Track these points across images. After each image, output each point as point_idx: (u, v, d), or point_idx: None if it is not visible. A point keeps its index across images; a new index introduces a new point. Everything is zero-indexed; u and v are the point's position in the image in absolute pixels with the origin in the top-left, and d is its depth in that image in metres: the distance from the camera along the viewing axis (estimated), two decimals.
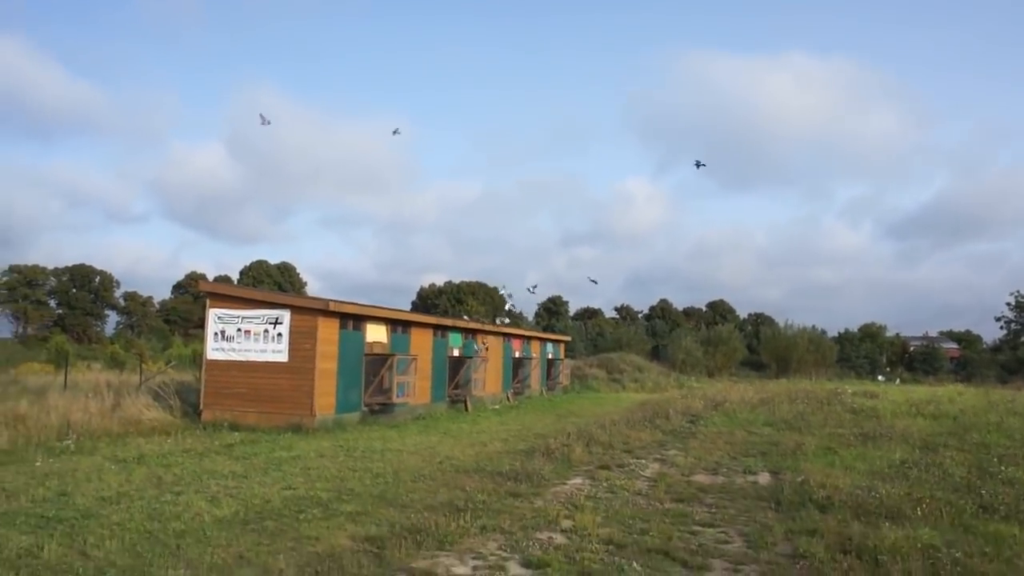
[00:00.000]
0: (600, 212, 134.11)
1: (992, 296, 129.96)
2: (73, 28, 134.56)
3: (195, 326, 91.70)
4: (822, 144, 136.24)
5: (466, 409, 23.20)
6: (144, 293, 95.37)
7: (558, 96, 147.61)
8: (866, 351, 68.57)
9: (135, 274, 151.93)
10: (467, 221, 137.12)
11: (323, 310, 16.75)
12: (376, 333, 19.02)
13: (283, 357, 16.78)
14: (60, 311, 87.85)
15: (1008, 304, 66.99)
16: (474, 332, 25.71)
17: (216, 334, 17.44)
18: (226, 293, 18.25)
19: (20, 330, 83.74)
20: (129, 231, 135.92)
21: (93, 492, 9.56)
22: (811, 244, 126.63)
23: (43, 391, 19.55)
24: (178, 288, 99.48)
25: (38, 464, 11.51)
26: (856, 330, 72.40)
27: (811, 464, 12.26)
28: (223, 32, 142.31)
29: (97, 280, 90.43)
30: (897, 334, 76.53)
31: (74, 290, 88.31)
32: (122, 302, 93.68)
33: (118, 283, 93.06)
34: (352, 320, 18.06)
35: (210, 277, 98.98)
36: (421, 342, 21.35)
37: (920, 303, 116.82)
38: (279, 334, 16.83)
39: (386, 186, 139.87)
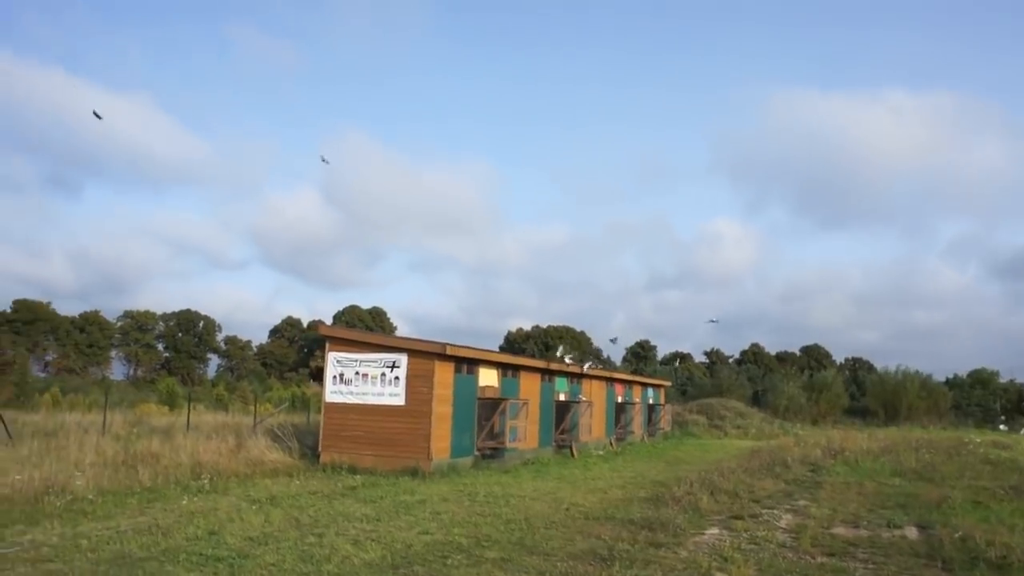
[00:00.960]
0: (687, 254, 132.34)
1: None
2: (178, 81, 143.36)
3: (290, 369, 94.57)
4: (923, 180, 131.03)
5: (572, 455, 22.90)
6: (243, 337, 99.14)
7: (645, 136, 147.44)
8: (978, 398, 64.67)
9: (234, 319, 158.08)
10: (552, 264, 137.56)
11: (440, 354, 16.92)
12: (488, 377, 19.08)
13: (400, 400, 16.98)
14: (167, 354, 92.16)
15: None
16: (579, 377, 25.49)
17: (335, 377, 17.84)
18: (345, 337, 18.70)
19: (131, 372, 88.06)
20: (229, 277, 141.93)
21: (239, 532, 9.79)
22: (911, 284, 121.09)
23: (168, 431, 20.38)
24: (274, 332, 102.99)
25: (184, 503, 11.90)
26: (965, 375, 68.53)
27: (962, 519, 11.49)
28: (316, 81, 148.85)
29: (201, 325, 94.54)
30: (1012, 380, 71.89)
31: (180, 334, 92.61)
32: (223, 346, 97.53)
33: (219, 327, 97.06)
34: (466, 364, 18.18)
35: (304, 322, 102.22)
36: (530, 386, 21.30)
37: None
38: (396, 377, 17.08)
39: (471, 230, 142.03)
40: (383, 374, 17.25)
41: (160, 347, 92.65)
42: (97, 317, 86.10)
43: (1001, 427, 47.35)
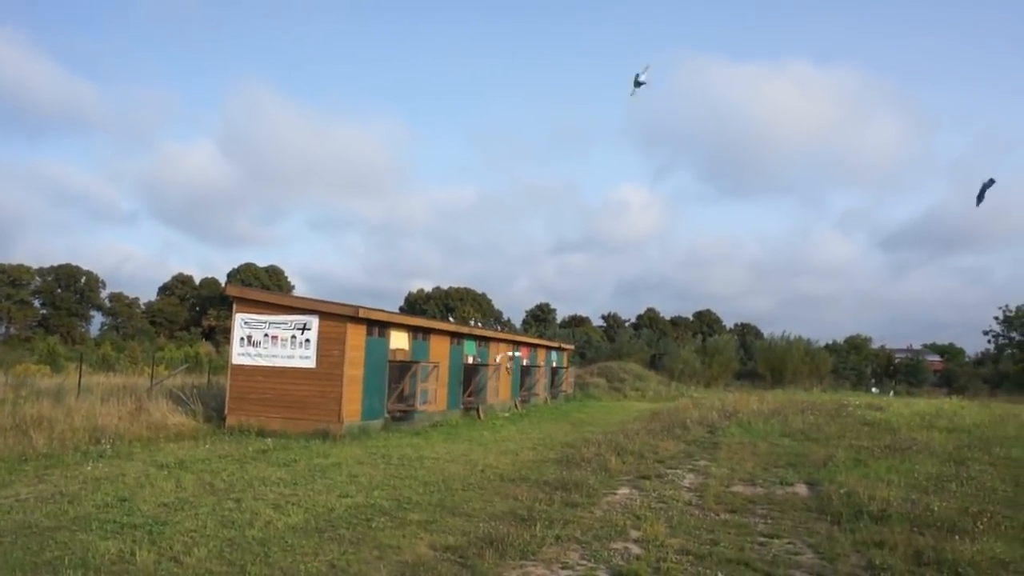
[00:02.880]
0: (594, 219, 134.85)
1: (976, 310, 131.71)
2: (69, 24, 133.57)
3: (180, 328, 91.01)
4: (821, 153, 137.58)
5: (479, 417, 23.24)
6: (130, 294, 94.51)
7: (557, 101, 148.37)
8: (853, 363, 69.36)
9: (121, 275, 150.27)
10: (459, 226, 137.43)
11: (352, 316, 16.75)
12: (399, 340, 19.05)
13: (311, 363, 16.76)
14: (44, 311, 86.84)
15: (996, 318, 67.99)
16: (487, 340, 25.77)
17: (242, 339, 17.38)
18: (253, 298, 18.16)
19: (3, 330, 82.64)
20: (116, 231, 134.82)
21: (152, 498, 9.53)
22: (803, 255, 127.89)
23: (57, 394, 19.38)
24: (164, 290, 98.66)
25: (88, 469, 11.44)
26: (843, 341, 73.25)
27: (845, 476, 12.43)
28: (220, 32, 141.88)
29: (83, 280, 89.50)
30: (882, 346, 77.49)
31: (59, 290, 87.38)
32: (107, 303, 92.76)
33: (104, 284, 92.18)
34: (378, 327, 18.08)
35: (196, 280, 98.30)
36: (440, 349, 21.40)
37: (906, 316, 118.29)
38: (307, 340, 16.82)
39: (378, 189, 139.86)
40: (293, 336, 16.94)
41: (37, 304, 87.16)
42: None
43: (873, 390, 51.13)
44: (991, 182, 12.52)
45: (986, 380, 66.75)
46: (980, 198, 12.80)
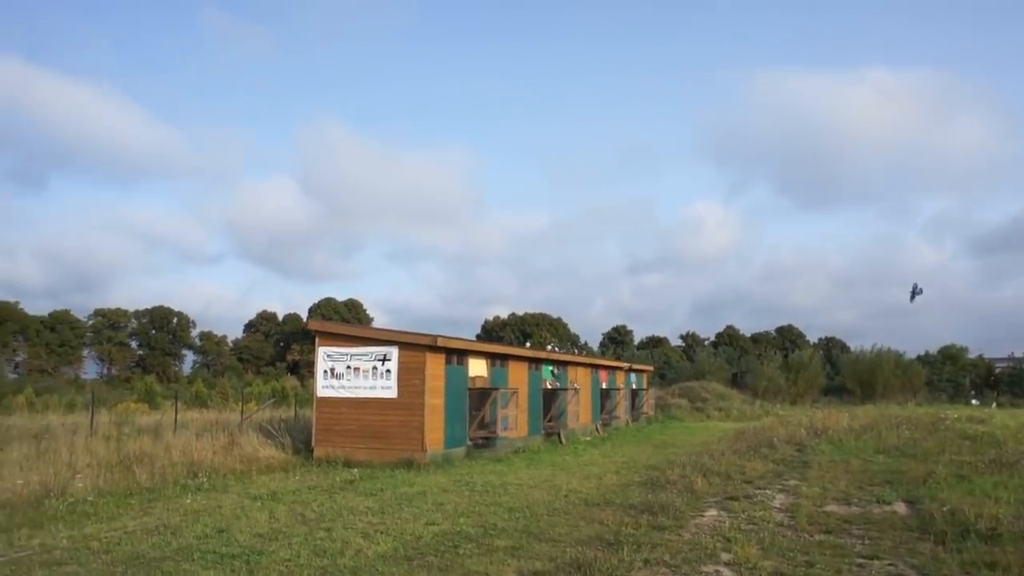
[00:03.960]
0: (668, 238, 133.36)
1: None
2: (151, 72, 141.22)
3: (266, 363, 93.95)
4: (904, 159, 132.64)
5: (560, 441, 23.15)
6: (218, 332, 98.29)
7: (629, 121, 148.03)
8: (949, 374, 66.19)
9: (209, 314, 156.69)
10: (532, 251, 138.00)
11: (430, 346, 17.02)
12: (477, 367, 19.22)
13: (392, 393, 17.07)
14: (141, 352, 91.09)
15: None
16: (565, 364, 25.72)
17: (326, 372, 17.86)
18: (335, 331, 18.71)
19: (105, 371, 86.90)
20: (203, 271, 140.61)
21: (248, 529, 9.86)
22: (888, 264, 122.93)
23: (156, 430, 20.26)
24: (249, 327, 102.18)
25: (187, 501, 11.93)
26: (936, 352, 69.98)
27: (948, 493, 11.86)
28: (291, 70, 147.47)
29: (175, 321, 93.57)
30: (980, 355, 73.66)
31: (153, 331, 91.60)
32: (198, 342, 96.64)
33: (194, 323, 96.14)
34: (456, 355, 18.30)
35: (279, 316, 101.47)
36: (518, 375, 21.48)
37: (1005, 323, 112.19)
38: (388, 370, 17.16)
39: (452, 218, 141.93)
40: (374, 367, 17.31)
41: (134, 345, 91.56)
42: (67, 316, 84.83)
43: (973, 402, 48.57)
44: (920, 290, 12.01)
45: None
46: (912, 299, 12.30)
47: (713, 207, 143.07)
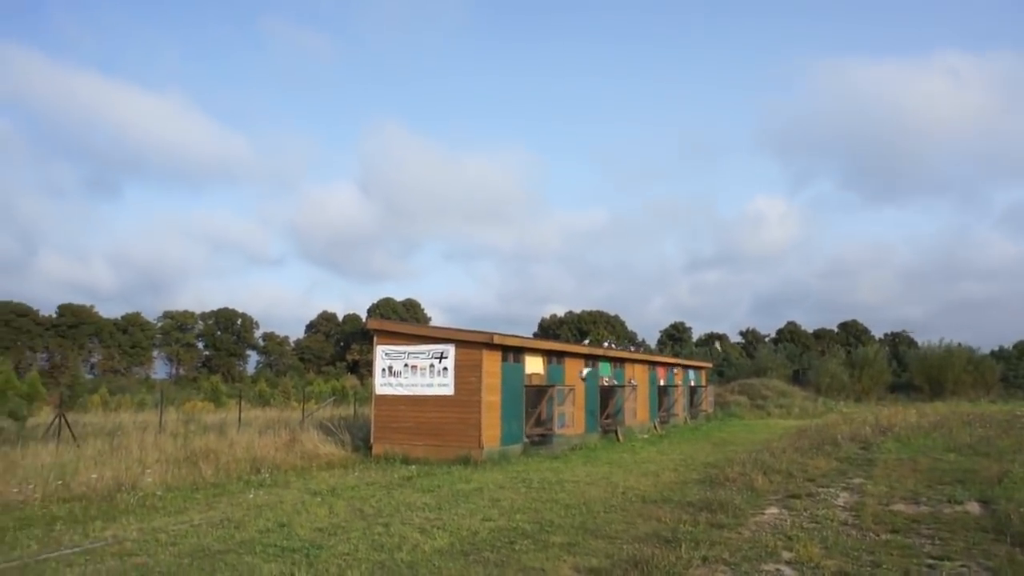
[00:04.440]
0: (728, 233, 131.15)
1: None
2: (215, 79, 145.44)
3: (327, 363, 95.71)
4: (978, 147, 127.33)
5: (618, 439, 22.98)
6: (280, 333, 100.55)
7: (686, 115, 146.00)
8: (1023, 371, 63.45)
9: (271, 315, 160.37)
10: (590, 249, 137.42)
11: (487, 343, 17.09)
12: (534, 365, 19.23)
13: (449, 391, 17.20)
14: (207, 352, 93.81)
15: None
16: (622, 361, 25.53)
17: (384, 370, 18.10)
18: (392, 330, 18.95)
19: (174, 371, 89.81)
20: (266, 274, 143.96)
21: (308, 523, 10.04)
22: (960, 256, 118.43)
23: (221, 428, 20.85)
24: (310, 327, 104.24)
25: (250, 496, 12.24)
26: (1011, 347, 67.15)
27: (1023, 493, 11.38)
28: (351, 73, 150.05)
29: (239, 322, 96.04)
30: None
31: (219, 332, 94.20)
32: (261, 342, 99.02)
33: (257, 324, 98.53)
34: (512, 352, 18.34)
35: (339, 316, 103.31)
36: (574, 372, 21.41)
37: None
38: (444, 368, 17.29)
39: (509, 217, 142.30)
40: (431, 365, 17.46)
41: (200, 345, 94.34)
42: (138, 318, 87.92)
43: None
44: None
45: None
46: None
47: (775, 201, 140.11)
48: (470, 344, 17.25)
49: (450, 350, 17.34)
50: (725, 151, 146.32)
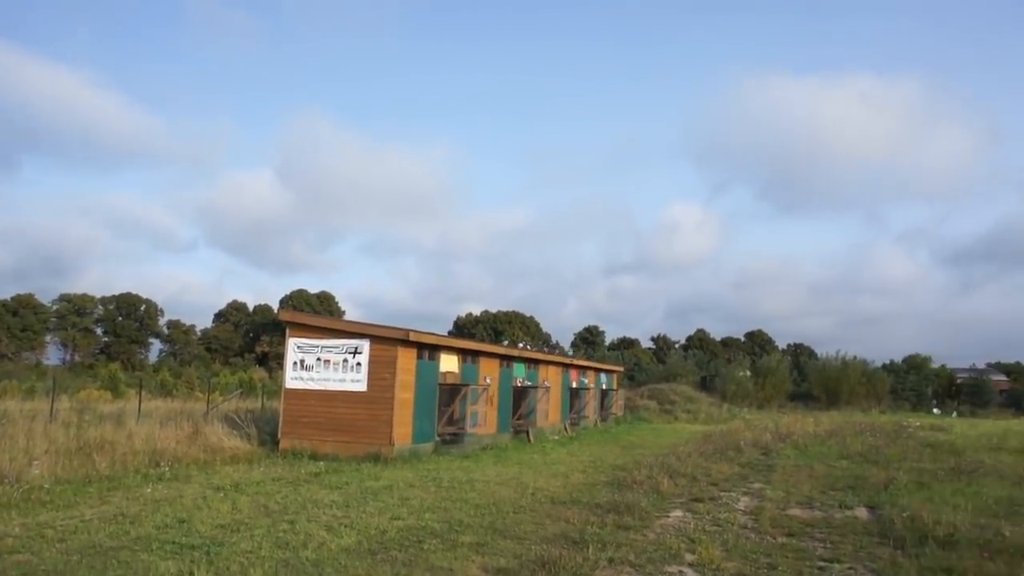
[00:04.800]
0: (647, 240, 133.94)
1: None
2: (135, 59, 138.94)
3: (235, 354, 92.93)
4: (884, 167, 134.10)
5: (529, 439, 23.15)
6: (187, 321, 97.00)
7: (614, 120, 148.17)
8: (912, 383, 67.33)
9: (178, 303, 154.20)
10: (511, 249, 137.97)
11: (403, 340, 16.92)
12: (449, 363, 19.15)
13: (362, 387, 16.94)
14: (106, 339, 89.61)
15: None
16: (536, 362, 25.72)
17: (295, 363, 17.68)
18: (306, 323, 18.50)
19: (68, 357, 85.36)
20: (175, 260, 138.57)
21: (209, 520, 9.71)
22: (862, 273, 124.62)
23: (119, 418, 19.92)
24: (219, 316, 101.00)
25: (148, 491, 11.73)
26: (901, 361, 71.17)
27: (908, 500, 12.06)
28: (276, 61, 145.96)
29: (142, 309, 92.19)
30: (943, 366, 75.08)
31: (120, 318, 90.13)
32: (165, 330, 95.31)
33: (162, 312, 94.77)
34: (428, 350, 18.21)
35: (250, 306, 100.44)
36: (489, 372, 21.43)
37: (970, 334, 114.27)
38: (358, 363, 17.02)
39: (432, 212, 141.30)
40: (345, 360, 17.17)
41: (99, 331, 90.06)
42: (31, 300, 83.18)
43: (935, 411, 49.44)
44: None
45: None
46: None
47: (693, 210, 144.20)
48: (386, 340, 17.05)
49: (364, 345, 17.09)
50: (649, 157, 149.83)
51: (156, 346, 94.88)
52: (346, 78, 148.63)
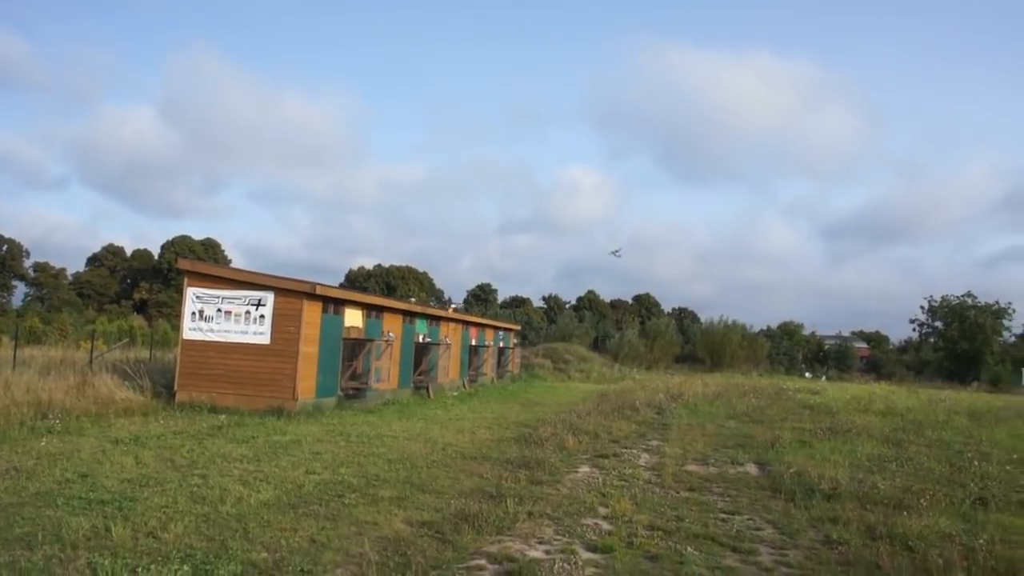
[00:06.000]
0: (543, 200, 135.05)
1: (904, 300, 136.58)
2: None
3: (110, 301, 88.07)
4: (774, 142, 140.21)
5: (429, 396, 23.29)
6: (56, 264, 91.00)
7: (514, 80, 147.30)
8: (786, 348, 71.70)
9: (46, 244, 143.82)
10: (406, 203, 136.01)
11: (309, 293, 16.57)
12: (353, 318, 18.92)
13: (265, 339, 16.54)
14: None
15: (922, 307, 71.01)
16: (438, 319, 25.77)
17: (194, 313, 17.01)
18: (206, 272, 17.77)
19: None
20: (43, 197, 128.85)
21: (114, 475, 9.36)
22: (747, 242, 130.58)
23: None
24: (93, 260, 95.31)
25: (42, 444, 11.12)
26: (776, 327, 75.58)
27: (792, 456, 12.99)
28: None
29: (4, 249, 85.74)
30: (813, 332, 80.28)
31: None
32: (32, 273, 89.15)
33: (27, 253, 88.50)
34: (333, 304, 17.92)
35: (128, 251, 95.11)
36: (392, 328, 21.33)
37: (837, 304, 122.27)
38: (261, 316, 16.58)
39: (327, 163, 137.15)
40: (248, 312, 16.67)
41: None
42: None
43: (807, 375, 52.94)
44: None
45: (909, 367, 69.80)
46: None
47: (591, 173, 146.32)
48: (291, 293, 16.65)
49: (269, 298, 16.64)
50: (550, 119, 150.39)
51: (20, 290, 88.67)
52: (237, 15, 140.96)
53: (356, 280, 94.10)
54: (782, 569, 6.89)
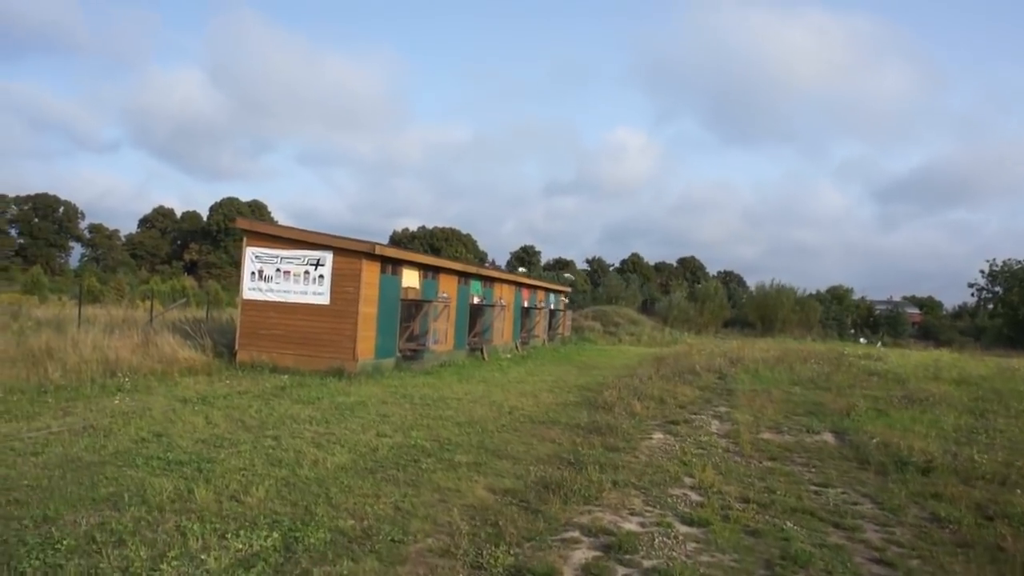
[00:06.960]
0: (589, 162, 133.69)
1: (961, 264, 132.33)
2: None
3: (162, 261, 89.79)
4: (828, 102, 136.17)
5: (483, 358, 23.10)
6: (110, 226, 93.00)
7: (562, 40, 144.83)
8: (835, 313, 70.19)
9: (100, 206, 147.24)
10: (451, 165, 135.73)
11: (368, 253, 16.34)
12: (410, 278, 18.69)
13: (325, 300, 16.39)
14: (21, 240, 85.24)
15: (982, 271, 68.74)
16: (492, 280, 25.47)
17: (253, 273, 16.93)
18: (265, 231, 17.63)
19: None
20: (96, 160, 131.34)
21: (188, 434, 9.26)
22: (796, 204, 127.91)
23: (58, 325, 18.91)
24: (145, 222, 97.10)
25: (115, 402, 11.13)
26: (826, 291, 73.95)
27: (871, 426, 12.44)
28: None
29: (61, 210, 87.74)
30: (863, 297, 78.44)
31: (36, 220, 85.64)
32: (87, 234, 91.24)
33: (83, 214, 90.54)
34: (391, 264, 17.69)
35: (178, 213, 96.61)
36: (448, 289, 21.08)
37: (889, 267, 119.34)
38: (320, 276, 16.41)
39: (371, 125, 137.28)
40: (307, 272, 16.53)
41: (13, 232, 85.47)
42: None
43: (861, 340, 51.70)
44: None
45: (964, 332, 67.82)
46: None
47: (638, 134, 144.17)
48: (350, 253, 16.43)
49: (328, 257, 16.45)
50: (595, 80, 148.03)
51: (77, 250, 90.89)
52: None
53: (400, 242, 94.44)
54: (893, 549, 6.46)
